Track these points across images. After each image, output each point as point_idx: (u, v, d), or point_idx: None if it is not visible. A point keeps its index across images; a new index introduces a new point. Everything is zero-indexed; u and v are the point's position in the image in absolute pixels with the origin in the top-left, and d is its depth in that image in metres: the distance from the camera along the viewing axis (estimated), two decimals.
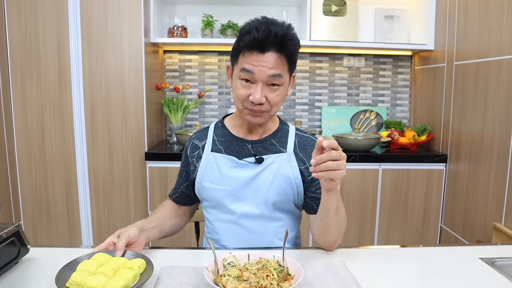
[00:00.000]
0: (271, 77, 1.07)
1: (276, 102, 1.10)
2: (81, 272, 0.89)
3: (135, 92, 2.36)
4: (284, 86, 1.11)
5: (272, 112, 1.13)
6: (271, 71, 1.06)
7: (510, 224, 1.85)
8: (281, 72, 1.08)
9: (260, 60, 1.05)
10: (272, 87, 1.09)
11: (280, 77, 1.08)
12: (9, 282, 0.93)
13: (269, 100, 1.09)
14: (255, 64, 1.06)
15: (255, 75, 1.06)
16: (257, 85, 1.07)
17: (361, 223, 2.45)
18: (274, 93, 1.09)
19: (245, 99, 1.10)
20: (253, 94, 1.07)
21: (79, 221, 2.46)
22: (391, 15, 2.78)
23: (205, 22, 2.64)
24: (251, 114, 1.12)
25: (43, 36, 2.29)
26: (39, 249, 1.09)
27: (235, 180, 1.17)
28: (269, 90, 1.08)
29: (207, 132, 1.27)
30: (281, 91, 1.10)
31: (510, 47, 1.84)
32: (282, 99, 1.13)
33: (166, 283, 0.91)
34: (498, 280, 0.97)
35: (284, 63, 1.08)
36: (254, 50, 1.06)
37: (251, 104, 1.09)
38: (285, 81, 1.11)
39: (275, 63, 1.06)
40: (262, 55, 1.05)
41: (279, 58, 1.06)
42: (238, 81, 1.10)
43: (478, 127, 2.10)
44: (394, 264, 1.08)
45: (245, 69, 1.07)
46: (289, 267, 0.93)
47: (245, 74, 1.08)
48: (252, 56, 1.06)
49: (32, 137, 2.37)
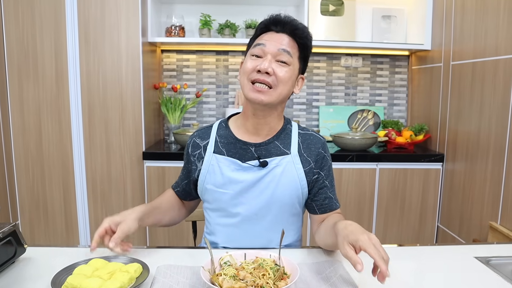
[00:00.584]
0: (281, 51, 1.10)
1: (282, 79, 1.10)
2: (77, 275, 0.90)
3: (133, 92, 2.35)
4: (292, 70, 1.13)
5: (278, 90, 1.10)
6: (282, 46, 1.10)
7: (506, 223, 1.86)
8: (292, 52, 1.12)
9: (273, 37, 1.12)
10: (280, 63, 1.11)
11: (289, 55, 1.11)
12: (5, 281, 0.93)
13: (276, 73, 1.09)
14: (268, 39, 1.12)
15: (266, 47, 1.10)
16: (266, 57, 1.10)
17: (358, 222, 2.41)
18: (282, 69, 1.10)
19: (252, 71, 1.10)
20: (261, 63, 1.09)
21: (77, 220, 2.46)
22: (389, 15, 2.79)
23: (203, 22, 2.64)
24: (254, 89, 1.09)
25: (40, 35, 2.29)
26: (36, 249, 1.09)
27: (238, 184, 1.15)
28: (277, 65, 1.10)
29: (210, 132, 1.24)
30: (289, 69, 1.11)
31: (506, 47, 1.85)
32: (289, 81, 1.12)
33: (163, 282, 0.91)
34: (493, 279, 0.98)
35: (296, 47, 1.13)
36: (270, 29, 1.14)
37: (257, 74, 1.09)
38: (294, 65, 1.13)
39: (287, 42, 1.12)
40: (276, 34, 1.12)
41: (292, 41, 1.13)
42: (248, 58, 1.14)
43: (475, 126, 2.11)
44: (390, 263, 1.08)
45: (258, 44, 1.12)
46: (285, 266, 0.93)
47: (257, 49, 1.12)
48: (267, 35, 1.13)
49: (29, 136, 2.37)
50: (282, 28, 1.12)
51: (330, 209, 1.21)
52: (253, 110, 1.15)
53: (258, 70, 1.09)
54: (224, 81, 2.90)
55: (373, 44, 2.71)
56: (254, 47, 1.13)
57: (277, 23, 1.13)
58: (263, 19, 1.17)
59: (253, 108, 1.14)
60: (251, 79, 1.10)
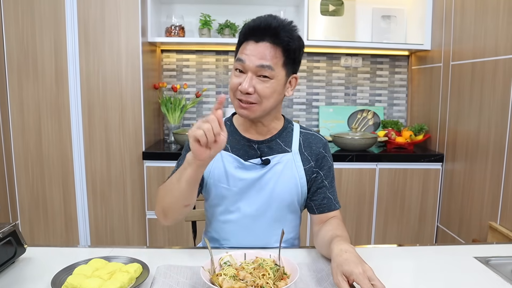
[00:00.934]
0: (260, 67, 1.06)
1: (265, 95, 1.08)
2: (77, 275, 0.90)
3: (133, 92, 2.36)
4: (277, 80, 1.09)
5: (263, 105, 1.10)
6: (259, 61, 1.06)
7: (505, 223, 1.86)
8: (272, 65, 1.07)
9: (252, 50, 1.07)
10: (262, 78, 1.07)
11: (270, 69, 1.06)
12: (5, 281, 0.93)
13: (258, 91, 1.07)
14: (247, 53, 1.07)
15: (245, 63, 1.07)
16: (247, 74, 1.08)
17: (358, 222, 2.46)
18: (263, 85, 1.07)
19: (236, 89, 1.09)
20: (242, 83, 1.07)
21: (76, 220, 2.46)
22: (388, 15, 2.79)
23: (203, 22, 2.64)
24: (240, 106, 1.10)
25: (40, 35, 2.29)
26: (35, 249, 1.09)
27: (240, 181, 1.17)
28: (258, 81, 1.07)
29: None
30: (271, 84, 1.08)
31: (505, 48, 1.85)
32: (274, 94, 1.10)
33: (163, 282, 0.91)
34: (492, 279, 0.98)
35: (278, 56, 1.08)
36: (249, 39, 1.08)
37: (240, 94, 1.08)
38: (278, 75, 1.09)
39: (267, 54, 1.06)
40: (256, 45, 1.07)
41: (273, 49, 1.07)
42: (233, 72, 1.12)
43: (474, 127, 2.11)
44: (390, 263, 1.09)
45: (238, 59, 1.09)
46: (285, 266, 0.93)
47: (238, 63, 1.09)
48: (247, 46, 1.08)
49: (29, 136, 2.37)
50: (262, 36, 1.07)
51: (328, 210, 1.22)
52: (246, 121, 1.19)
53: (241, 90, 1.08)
54: (224, 81, 2.90)
55: (373, 44, 2.71)
56: (236, 61, 1.10)
57: (255, 32, 1.07)
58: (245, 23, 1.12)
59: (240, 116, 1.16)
60: (236, 97, 1.11)
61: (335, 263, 0.91)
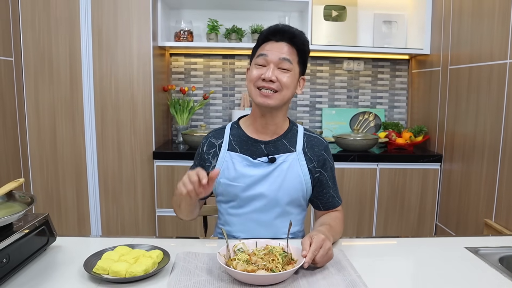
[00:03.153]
0: (282, 60, 1.22)
1: (286, 84, 1.23)
2: (106, 260, 1.00)
3: (144, 94, 2.46)
4: (293, 73, 1.25)
5: (282, 94, 1.24)
6: (282, 55, 1.23)
7: (500, 220, 1.95)
8: (291, 59, 1.23)
9: (274, 46, 1.24)
10: (282, 70, 1.23)
11: (289, 62, 1.23)
12: (41, 266, 1.03)
13: (279, 79, 1.22)
14: (269, 49, 1.24)
15: (268, 57, 1.23)
16: (269, 66, 1.23)
17: (359, 220, 2.56)
18: (284, 75, 1.23)
19: (257, 79, 1.23)
20: (265, 72, 1.22)
21: (89, 217, 2.56)
22: (389, 21, 2.89)
23: (210, 27, 2.74)
24: (261, 95, 1.23)
25: (56, 40, 2.39)
26: (64, 238, 1.20)
27: (249, 177, 1.28)
28: (279, 72, 1.23)
29: (224, 132, 1.36)
30: (290, 75, 1.24)
31: (500, 53, 1.95)
32: (292, 85, 1.25)
33: (183, 267, 1.01)
34: (481, 266, 1.08)
35: (295, 54, 1.25)
36: (269, 39, 1.25)
37: (263, 82, 1.22)
38: (294, 69, 1.25)
39: (286, 50, 1.23)
40: (276, 43, 1.24)
41: (291, 48, 1.24)
42: (253, 67, 1.26)
43: (471, 128, 2.20)
44: (387, 252, 1.19)
45: (261, 54, 1.24)
46: (292, 253, 1.04)
47: (260, 59, 1.24)
48: (267, 45, 1.25)
49: (44, 136, 2.47)
50: (281, 37, 1.24)
51: (333, 207, 1.37)
52: (261, 112, 1.29)
53: (263, 79, 1.22)
54: (231, 84, 3.00)
55: (374, 48, 2.81)
56: (257, 57, 1.25)
57: (276, 33, 1.25)
58: (265, 28, 1.29)
59: (261, 110, 1.28)
60: (258, 86, 1.24)
61: (311, 232, 1.10)
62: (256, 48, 1.30)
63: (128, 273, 0.95)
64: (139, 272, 0.95)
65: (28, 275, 0.98)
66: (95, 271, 0.96)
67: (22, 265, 0.98)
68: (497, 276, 1.02)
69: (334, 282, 0.95)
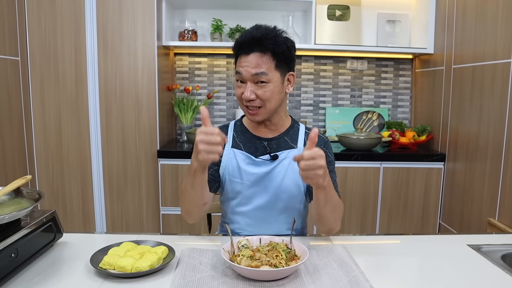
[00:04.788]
0: (255, 76, 1.19)
1: (266, 98, 1.21)
2: (112, 255, 1.02)
3: (148, 93, 2.48)
4: (274, 82, 1.21)
5: (267, 108, 1.22)
6: (253, 70, 1.19)
7: (503, 219, 1.96)
8: (265, 70, 1.19)
9: (245, 61, 1.20)
10: (260, 84, 1.20)
11: (264, 74, 1.19)
12: (48, 261, 1.05)
13: (259, 96, 1.20)
14: (242, 66, 1.20)
15: (242, 75, 1.21)
16: (246, 84, 1.21)
17: (362, 219, 2.56)
18: (262, 89, 1.20)
19: (241, 97, 1.23)
20: (244, 92, 1.21)
21: (94, 215, 2.59)
22: (393, 20, 2.89)
23: (215, 26, 2.76)
24: (248, 112, 1.25)
25: (61, 40, 2.42)
26: (70, 235, 1.22)
27: (251, 175, 1.29)
28: (257, 88, 1.20)
29: (227, 130, 1.38)
30: (269, 87, 1.20)
31: (503, 52, 1.95)
32: (274, 95, 1.22)
33: (187, 262, 1.03)
34: (483, 263, 1.09)
35: (268, 61, 1.19)
36: (240, 53, 1.22)
37: (245, 101, 1.23)
38: (274, 78, 1.21)
39: (258, 62, 1.19)
40: (247, 56, 1.20)
41: (262, 57, 1.19)
42: (236, 83, 1.26)
43: (474, 128, 2.20)
44: (389, 249, 1.20)
45: (237, 72, 1.24)
46: (296, 249, 1.05)
47: (237, 76, 1.24)
48: (240, 59, 1.22)
49: (50, 135, 2.50)
50: (250, 49, 1.19)
51: None
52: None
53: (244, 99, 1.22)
54: (234, 83, 3.01)
55: (378, 48, 2.81)
56: (235, 74, 1.24)
57: (243, 46, 1.21)
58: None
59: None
60: (244, 104, 1.25)
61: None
62: (235, 60, 1.27)
63: (134, 268, 0.96)
64: (144, 267, 0.96)
65: (36, 270, 1.00)
66: (101, 266, 0.98)
67: (30, 260, 1.00)
68: (499, 273, 1.03)
69: (337, 278, 0.96)
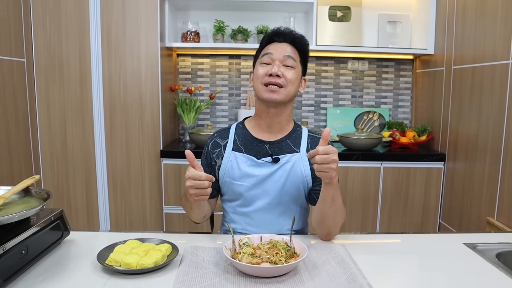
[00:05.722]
0: (287, 57, 1.30)
1: (291, 79, 1.29)
2: (118, 252, 1.05)
3: (151, 94, 2.51)
4: (297, 71, 1.32)
5: (287, 89, 1.29)
6: (286, 53, 1.31)
7: (502, 218, 1.98)
8: (295, 57, 1.31)
9: (278, 46, 1.32)
10: (287, 67, 1.30)
11: (293, 60, 1.31)
12: (56, 257, 1.09)
13: (285, 76, 1.29)
14: (274, 49, 1.32)
15: (273, 55, 1.30)
16: (274, 63, 1.30)
17: (363, 218, 2.59)
18: (289, 71, 1.30)
19: (264, 76, 1.29)
20: (271, 68, 1.28)
21: (98, 214, 2.62)
22: (394, 21, 2.92)
23: (217, 27, 2.79)
24: (268, 90, 1.29)
25: (66, 41, 2.46)
26: (77, 233, 1.25)
27: (253, 177, 1.32)
28: (284, 69, 1.30)
29: (229, 132, 1.41)
30: (294, 72, 1.31)
31: (502, 53, 1.97)
32: (296, 81, 1.32)
33: (190, 260, 1.06)
34: (478, 261, 1.11)
35: (297, 53, 1.33)
36: (273, 40, 1.34)
37: (270, 77, 1.28)
38: (297, 67, 1.32)
39: (289, 50, 1.32)
40: (280, 44, 1.33)
41: (293, 48, 1.33)
42: (259, 66, 1.33)
43: (474, 128, 2.23)
44: (387, 247, 1.22)
45: (266, 53, 1.32)
46: (295, 247, 1.08)
47: (266, 57, 1.31)
48: (272, 45, 1.33)
49: (55, 135, 2.54)
50: (284, 38, 1.33)
51: None
52: (267, 109, 1.33)
53: (270, 74, 1.28)
54: (237, 84, 3.05)
55: (379, 48, 2.84)
56: (262, 57, 1.33)
57: (279, 34, 1.34)
58: (269, 29, 1.37)
59: (267, 107, 1.33)
60: (264, 82, 1.30)
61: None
62: (260, 50, 1.37)
63: (139, 265, 1.00)
64: (149, 264, 1.00)
65: (44, 266, 1.03)
66: (107, 263, 1.01)
67: (39, 257, 1.03)
68: (494, 271, 1.06)
69: (335, 275, 0.99)
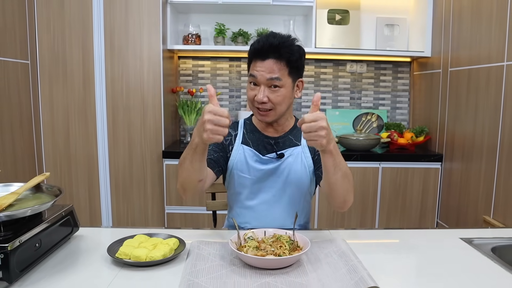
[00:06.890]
0: (270, 80, 1.27)
1: (277, 102, 1.29)
2: (127, 246, 1.09)
3: (153, 95, 2.55)
4: (286, 88, 1.29)
5: (277, 111, 1.31)
6: (269, 75, 1.26)
7: (498, 216, 2.03)
8: (280, 76, 1.27)
9: (261, 66, 1.27)
10: (273, 88, 1.28)
11: (278, 79, 1.27)
12: (67, 252, 1.12)
13: (271, 99, 1.28)
14: (258, 70, 1.28)
15: (257, 78, 1.28)
16: (260, 87, 1.28)
17: (362, 218, 2.63)
18: (275, 94, 1.28)
19: (253, 99, 1.31)
20: (257, 94, 1.28)
21: (100, 214, 2.66)
22: (392, 24, 2.97)
23: (218, 30, 2.84)
24: (258, 113, 1.33)
25: (70, 43, 2.50)
26: (86, 229, 1.29)
27: (258, 171, 1.38)
28: (270, 91, 1.28)
29: (238, 126, 1.46)
30: (281, 92, 1.28)
31: (497, 56, 2.02)
32: (285, 99, 1.30)
33: (197, 254, 1.10)
34: (474, 255, 1.16)
35: (282, 68, 1.27)
36: (256, 58, 1.29)
37: (257, 103, 1.30)
38: (286, 83, 1.29)
39: (273, 68, 1.26)
40: (262, 62, 1.27)
41: (277, 64, 1.27)
42: (248, 85, 1.33)
43: (470, 129, 2.28)
44: (385, 241, 1.27)
45: (251, 75, 1.31)
46: (298, 241, 1.12)
47: (251, 78, 1.31)
48: (256, 63, 1.29)
49: (58, 136, 2.57)
50: (266, 55, 1.26)
51: None
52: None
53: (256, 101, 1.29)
54: (237, 86, 3.09)
55: (377, 51, 2.90)
56: (249, 76, 1.31)
57: (260, 52, 1.27)
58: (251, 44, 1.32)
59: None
60: (255, 106, 1.32)
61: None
62: (248, 62, 1.34)
63: (148, 258, 1.03)
64: (158, 256, 1.03)
65: (57, 259, 1.07)
66: (118, 256, 1.05)
67: (51, 251, 1.07)
68: (489, 263, 1.10)
69: (337, 266, 1.03)
